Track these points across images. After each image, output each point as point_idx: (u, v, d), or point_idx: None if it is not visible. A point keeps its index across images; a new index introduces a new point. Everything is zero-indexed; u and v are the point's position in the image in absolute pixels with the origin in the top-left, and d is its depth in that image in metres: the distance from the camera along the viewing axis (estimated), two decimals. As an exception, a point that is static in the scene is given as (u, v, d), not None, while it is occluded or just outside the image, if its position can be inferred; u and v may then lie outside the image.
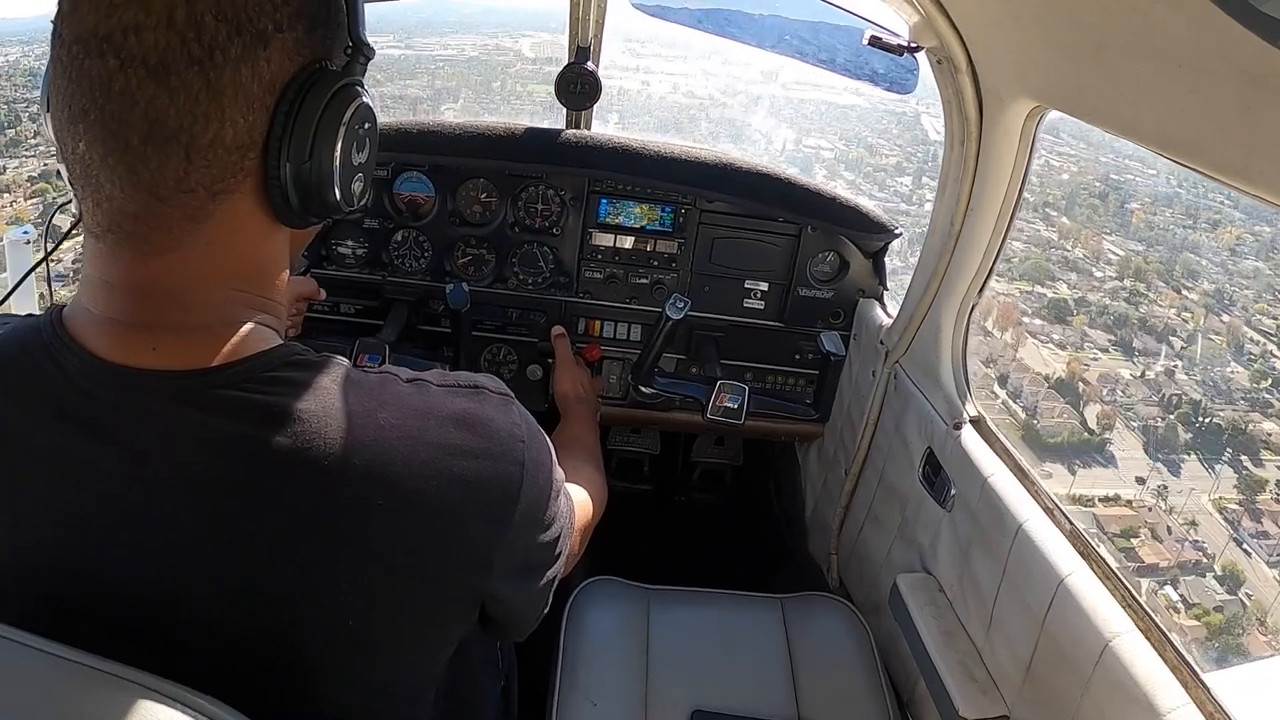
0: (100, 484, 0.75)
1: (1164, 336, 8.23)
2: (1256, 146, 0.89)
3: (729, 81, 11.83)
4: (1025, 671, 1.45)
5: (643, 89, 11.42)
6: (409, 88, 8.97)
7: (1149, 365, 8.18)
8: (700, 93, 11.94)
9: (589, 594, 1.94)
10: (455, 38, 9.97)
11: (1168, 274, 8.50)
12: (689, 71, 11.88)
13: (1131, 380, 8.13)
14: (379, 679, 0.86)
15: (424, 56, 9.99)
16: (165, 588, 0.76)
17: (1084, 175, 9.31)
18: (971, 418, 1.78)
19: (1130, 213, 9.02)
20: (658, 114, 11.15)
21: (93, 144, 0.70)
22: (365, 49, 0.83)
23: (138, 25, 0.66)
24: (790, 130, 10.93)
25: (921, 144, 9.81)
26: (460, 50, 10.33)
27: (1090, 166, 9.28)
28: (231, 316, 0.79)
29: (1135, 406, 8.17)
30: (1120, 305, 8.37)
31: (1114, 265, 8.77)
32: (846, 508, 2.29)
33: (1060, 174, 9.18)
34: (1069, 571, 1.37)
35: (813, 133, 10.79)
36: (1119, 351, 8.20)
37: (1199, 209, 8.66)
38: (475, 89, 10.28)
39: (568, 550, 1.04)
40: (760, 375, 2.39)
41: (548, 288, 2.35)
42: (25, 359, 0.77)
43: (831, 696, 1.78)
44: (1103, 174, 9.25)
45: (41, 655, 0.66)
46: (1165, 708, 1.13)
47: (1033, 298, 8.47)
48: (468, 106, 10.21)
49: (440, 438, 0.82)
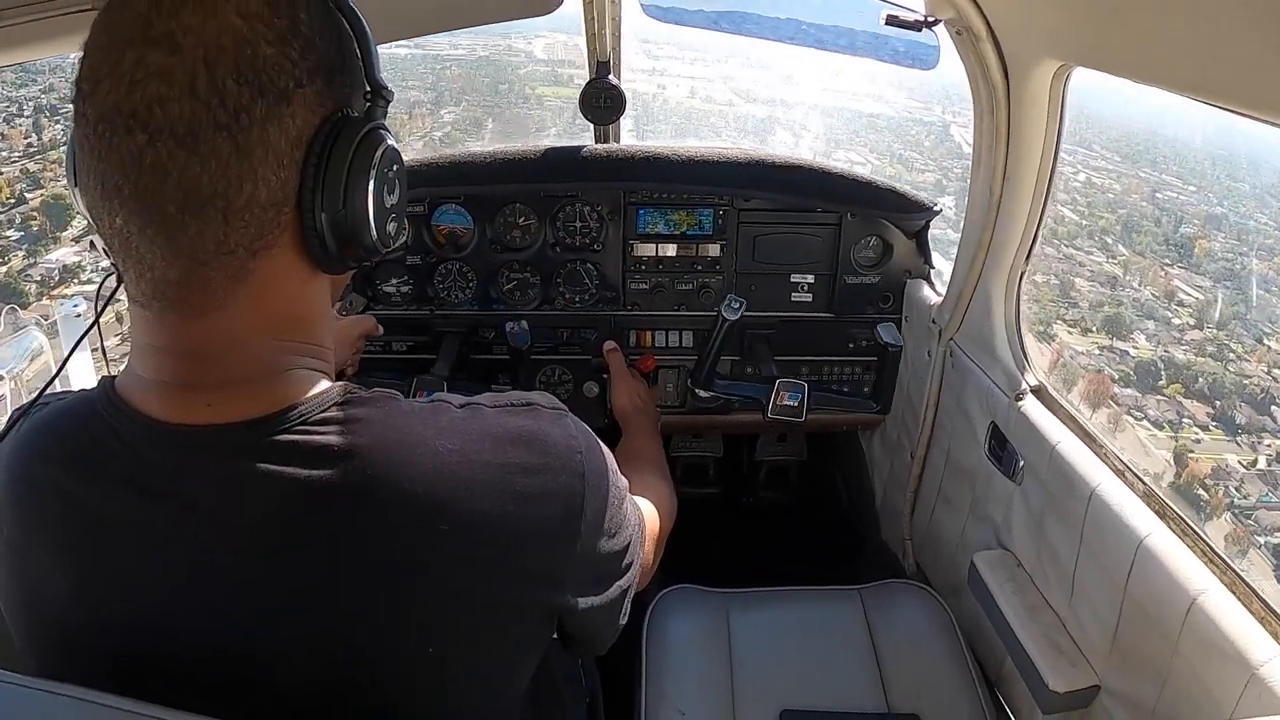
0: (166, 547, 0.77)
1: (1264, 407, 6.96)
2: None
3: (749, 86, 11.31)
4: (1112, 639, 1.41)
5: (659, 93, 10.96)
6: (408, 89, 8.69)
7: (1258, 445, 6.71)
8: (719, 98, 11.38)
9: (667, 603, 1.95)
10: (467, 38, 9.71)
11: (1243, 318, 7.45)
12: (708, 76, 11.38)
13: (1245, 473, 6.65)
14: (461, 707, 0.87)
15: (430, 56, 9.60)
16: (237, 642, 0.78)
17: (1129, 194, 8.69)
18: (1033, 387, 1.75)
19: (1189, 240, 8.17)
20: (675, 121, 10.73)
21: (130, 217, 0.71)
22: (385, 92, 0.84)
23: (162, 98, 0.68)
24: (818, 142, 10.35)
25: (955, 157, 9.17)
26: (471, 50, 9.88)
27: (1134, 184, 8.65)
28: (280, 365, 0.81)
29: (1257, 514, 6.69)
30: (1209, 364, 7.25)
31: (1189, 308, 7.73)
32: (916, 491, 2.26)
33: (1105, 193, 8.61)
34: (1147, 533, 1.33)
35: (842, 144, 10.13)
36: (1221, 429, 6.89)
37: (1248, 231, 7.91)
38: (481, 91, 9.92)
39: (640, 560, 1.04)
40: (816, 368, 2.38)
41: (595, 304, 2.37)
42: (81, 431, 0.80)
43: (919, 683, 1.76)
44: (1148, 192, 8.62)
45: (114, 712, 0.68)
46: (1258, 660, 1.10)
47: (1114, 356, 7.46)
48: (469, 112, 9.84)
49: (499, 457, 0.83)
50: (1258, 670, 1.09)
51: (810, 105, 10.93)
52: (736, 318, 2.01)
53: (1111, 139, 8.33)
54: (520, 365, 2.22)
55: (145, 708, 0.69)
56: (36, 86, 6.91)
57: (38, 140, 6.76)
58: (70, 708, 0.69)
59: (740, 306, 2.01)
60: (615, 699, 1.75)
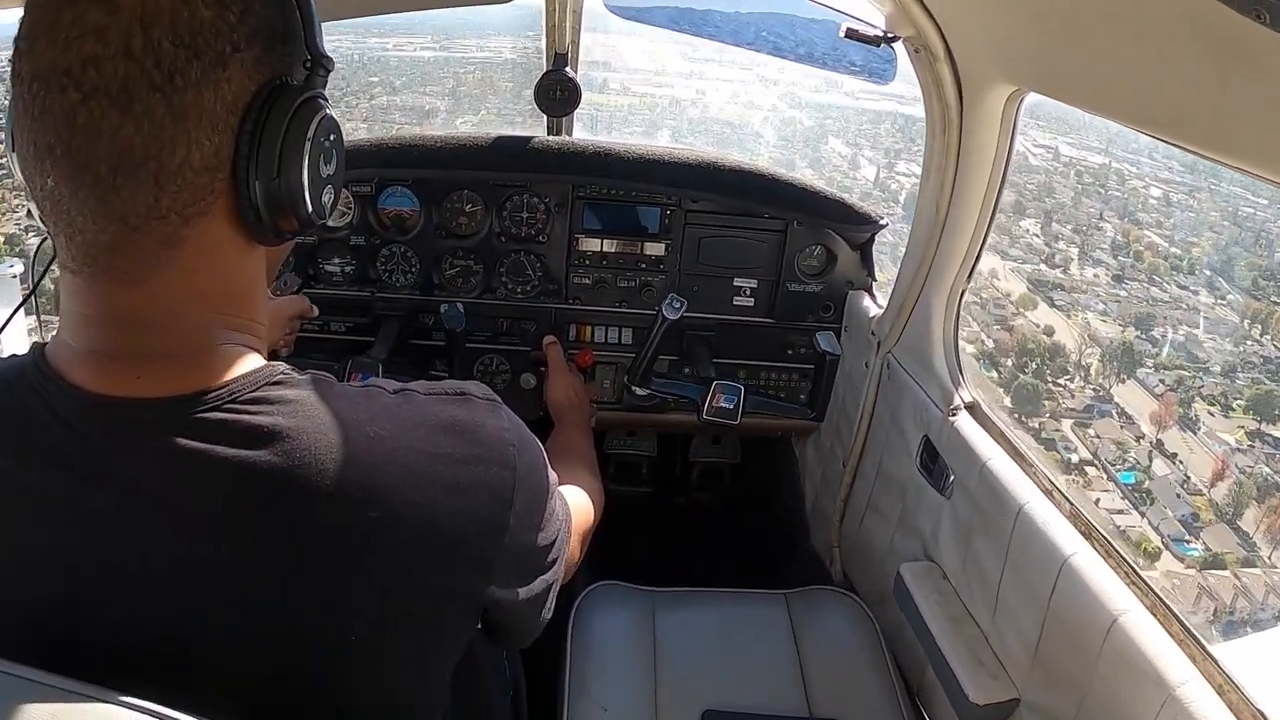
0: (93, 525, 0.75)
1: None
2: (1233, 117, 0.90)
3: (789, 89, 10.19)
4: (1033, 654, 1.45)
5: (698, 98, 10.22)
6: (423, 95, 8.23)
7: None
8: (763, 102, 10.42)
9: (593, 599, 1.94)
10: (495, 40, 9.31)
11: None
12: (744, 79, 10.36)
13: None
14: (386, 693, 0.86)
15: (455, 59, 9.01)
16: (167, 626, 0.76)
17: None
18: (966, 403, 1.79)
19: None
20: (715, 130, 10.01)
21: (61, 179, 0.69)
22: (325, 61, 0.83)
23: (96, 57, 0.67)
24: (874, 150, 9.53)
25: (1022, 170, 8.49)
26: (498, 53, 9.69)
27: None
28: (213, 340, 0.79)
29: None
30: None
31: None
32: (846, 500, 2.29)
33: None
34: (1072, 552, 1.37)
35: (903, 156, 9.16)
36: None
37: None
38: (504, 97, 9.06)
39: (566, 554, 1.04)
40: (753, 373, 2.39)
41: (537, 296, 2.35)
42: (12, 401, 0.77)
43: (841, 689, 1.78)
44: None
45: (38, 687, 0.65)
46: (1175, 681, 1.14)
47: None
48: (485, 119, 9.41)
49: (430, 446, 0.82)
50: (1174, 691, 1.13)
51: (854, 109, 9.94)
52: (676, 317, 2.01)
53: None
54: (456, 351, 2.18)
55: (71, 683, 0.66)
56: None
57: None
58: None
59: (681, 306, 2.01)
60: (539, 691, 1.73)
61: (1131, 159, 8.33)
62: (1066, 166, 8.78)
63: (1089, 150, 8.70)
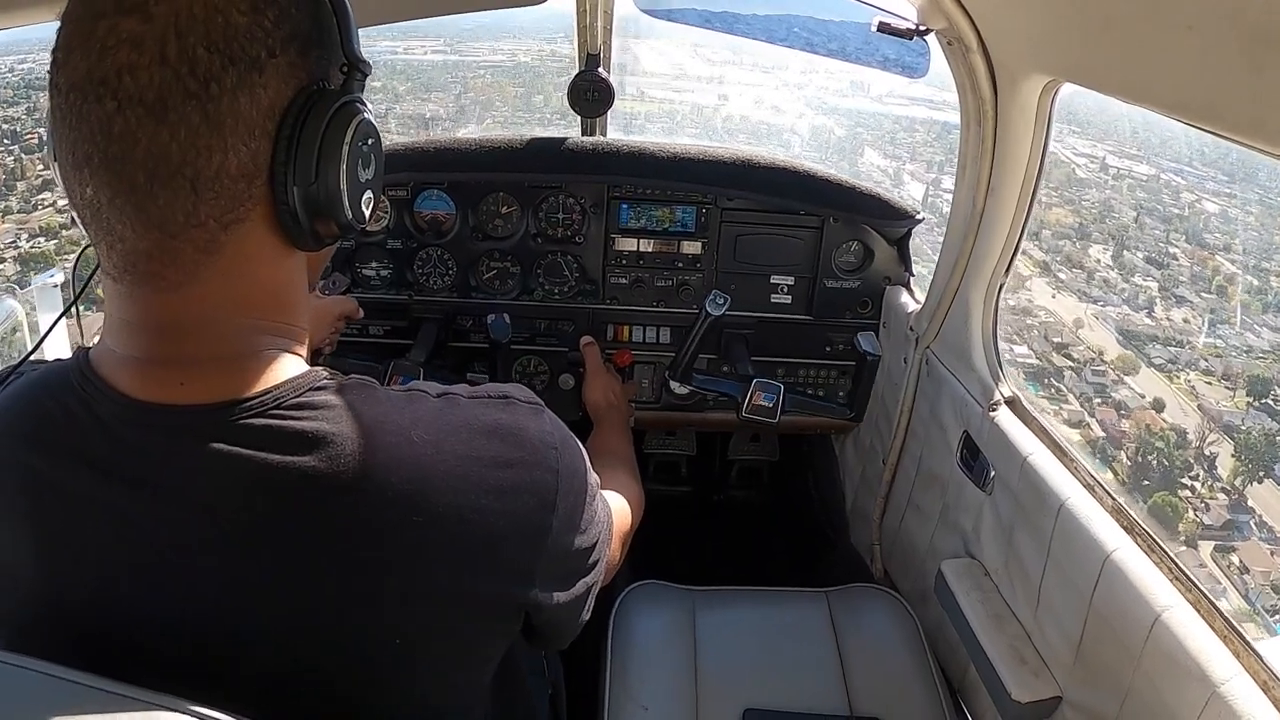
0: (135, 528, 0.76)
1: None
2: (1268, 104, 0.88)
3: (816, 93, 9.90)
4: (1076, 651, 1.43)
5: (720, 105, 9.90)
6: (426, 102, 7.90)
7: None
8: (789, 108, 9.98)
9: (634, 599, 1.94)
10: (509, 42, 9.06)
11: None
12: (764, 82, 10.05)
13: None
14: (426, 696, 0.87)
15: (467, 63, 8.79)
16: (205, 626, 0.77)
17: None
18: (1006, 398, 1.77)
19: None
20: (740, 139, 9.49)
21: (100, 187, 0.70)
22: (362, 65, 0.83)
23: (131, 65, 0.67)
24: (915, 164, 8.68)
25: (1071, 185, 7.48)
26: (511, 55, 9.08)
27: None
28: (255, 345, 0.80)
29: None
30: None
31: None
32: (886, 497, 2.27)
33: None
34: (1114, 548, 1.35)
35: (946, 170, 7.91)
36: None
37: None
38: (512, 105, 8.89)
39: (606, 556, 1.04)
40: (792, 370, 2.39)
41: (574, 296, 2.36)
42: (55, 406, 0.78)
43: (882, 687, 1.77)
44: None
45: (75, 686, 0.67)
46: (1219, 678, 1.12)
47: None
48: (489, 133, 8.93)
49: (473, 450, 0.83)
50: (1219, 688, 1.11)
51: (887, 115, 9.31)
52: (720, 313, 2.01)
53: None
54: (498, 355, 2.21)
55: (111, 684, 0.68)
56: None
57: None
58: (37, 682, 0.67)
59: (725, 303, 2.01)
60: (579, 692, 1.75)
61: (1174, 167, 7.18)
62: (1116, 179, 7.65)
63: (1131, 159, 7.56)
